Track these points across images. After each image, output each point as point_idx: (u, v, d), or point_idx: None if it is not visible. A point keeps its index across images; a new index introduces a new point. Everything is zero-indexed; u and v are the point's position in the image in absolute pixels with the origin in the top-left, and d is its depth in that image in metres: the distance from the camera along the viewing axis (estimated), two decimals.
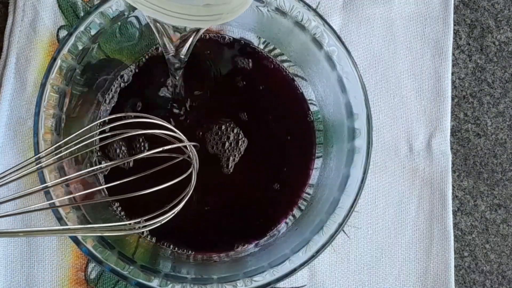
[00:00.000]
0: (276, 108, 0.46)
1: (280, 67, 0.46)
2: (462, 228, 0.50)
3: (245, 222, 0.46)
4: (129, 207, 0.44)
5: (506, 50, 0.51)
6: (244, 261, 0.43)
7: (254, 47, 0.46)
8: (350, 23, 0.50)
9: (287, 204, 0.46)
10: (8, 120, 0.47)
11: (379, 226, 0.48)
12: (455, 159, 0.50)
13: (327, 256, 0.48)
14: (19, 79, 0.47)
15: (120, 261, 0.39)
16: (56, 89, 0.40)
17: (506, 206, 0.50)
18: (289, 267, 0.40)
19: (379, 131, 0.49)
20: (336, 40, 0.41)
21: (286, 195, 0.46)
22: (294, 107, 0.46)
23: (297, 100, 0.46)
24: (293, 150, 0.46)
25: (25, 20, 0.48)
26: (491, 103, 0.51)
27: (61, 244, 0.46)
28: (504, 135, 0.51)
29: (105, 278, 0.47)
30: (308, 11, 0.41)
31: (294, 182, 0.46)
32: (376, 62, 0.50)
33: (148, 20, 0.35)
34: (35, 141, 0.39)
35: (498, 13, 0.52)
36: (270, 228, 0.45)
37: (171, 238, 0.45)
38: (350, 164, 0.41)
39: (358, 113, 0.41)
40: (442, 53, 0.50)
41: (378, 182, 0.48)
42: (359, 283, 0.48)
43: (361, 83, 0.41)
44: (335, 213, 0.40)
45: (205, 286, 0.39)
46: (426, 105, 0.49)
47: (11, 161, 0.47)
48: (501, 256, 0.50)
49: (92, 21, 0.40)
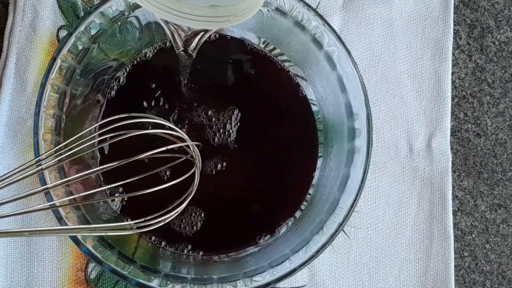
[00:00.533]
0: (279, 109, 0.46)
1: (283, 67, 0.46)
2: (462, 228, 0.50)
3: (247, 223, 0.46)
4: (129, 207, 0.44)
5: (506, 50, 0.51)
6: (244, 261, 0.43)
7: (257, 47, 0.46)
8: (350, 23, 0.50)
9: (291, 205, 0.46)
10: (8, 120, 0.47)
11: (379, 226, 0.48)
12: (455, 159, 0.50)
13: (327, 256, 0.48)
14: (19, 79, 0.47)
15: (120, 261, 0.39)
16: (56, 89, 0.40)
17: (506, 206, 0.50)
18: (289, 267, 0.40)
19: (379, 131, 0.49)
20: (336, 40, 0.41)
21: (289, 196, 0.46)
22: (296, 107, 0.46)
23: (299, 101, 0.46)
24: (296, 152, 0.46)
25: (25, 20, 0.48)
26: (491, 103, 0.51)
27: (61, 244, 0.46)
28: (504, 135, 0.51)
29: (105, 278, 0.47)
30: (308, 11, 0.41)
31: (297, 183, 0.46)
32: (376, 62, 0.50)
33: (159, 18, 0.36)
34: (35, 141, 0.39)
35: (498, 13, 0.52)
36: (273, 230, 0.45)
37: (171, 239, 0.45)
38: (350, 164, 0.41)
39: (358, 113, 0.41)
40: (442, 53, 0.50)
41: (378, 182, 0.48)
42: (359, 283, 0.48)
43: (361, 83, 0.41)
44: (335, 213, 0.40)
45: (205, 286, 0.39)
46: (426, 105, 0.49)
47: (11, 161, 0.47)
48: (501, 256, 0.50)
49: (92, 21, 0.40)
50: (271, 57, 0.46)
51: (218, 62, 0.47)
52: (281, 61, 0.46)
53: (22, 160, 0.47)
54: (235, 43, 0.46)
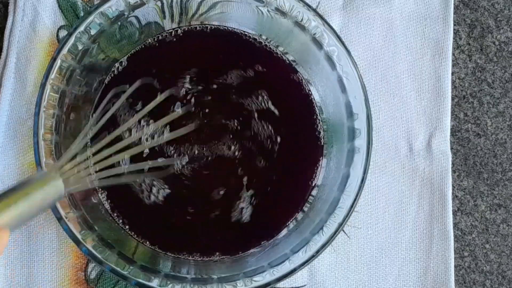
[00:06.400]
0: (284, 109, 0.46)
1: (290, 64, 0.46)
2: (462, 228, 0.50)
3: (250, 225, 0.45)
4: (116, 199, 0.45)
5: (506, 50, 0.51)
6: (244, 261, 0.43)
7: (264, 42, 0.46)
8: (350, 23, 0.50)
9: (294, 206, 0.46)
10: (8, 120, 0.47)
11: (379, 226, 0.48)
12: (455, 159, 0.50)
13: (327, 256, 0.48)
14: (19, 79, 0.47)
15: (120, 261, 0.39)
16: (56, 89, 0.40)
17: (506, 206, 0.50)
18: (289, 267, 0.40)
19: (379, 131, 0.49)
20: (336, 40, 0.41)
21: (293, 197, 0.46)
22: (302, 108, 0.46)
23: (305, 101, 0.46)
24: (300, 152, 0.46)
25: (25, 20, 0.48)
26: (491, 103, 0.51)
27: (61, 244, 0.46)
28: (504, 135, 0.51)
29: (105, 278, 0.47)
30: (308, 11, 0.41)
31: (300, 184, 0.46)
32: (376, 62, 0.50)
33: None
34: (35, 141, 0.39)
35: (498, 13, 0.52)
36: (275, 232, 0.45)
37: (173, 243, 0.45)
38: (350, 164, 0.41)
39: (358, 113, 0.41)
40: (442, 53, 0.50)
41: (378, 182, 0.48)
42: (359, 283, 0.48)
43: (361, 83, 0.41)
44: (335, 213, 0.40)
45: (205, 286, 0.39)
46: (426, 105, 0.49)
47: (11, 161, 0.47)
48: (501, 256, 0.50)
49: (92, 21, 0.40)
50: (279, 55, 0.46)
51: (222, 60, 0.46)
52: (289, 60, 0.46)
53: (22, 160, 0.47)
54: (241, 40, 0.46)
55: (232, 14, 0.45)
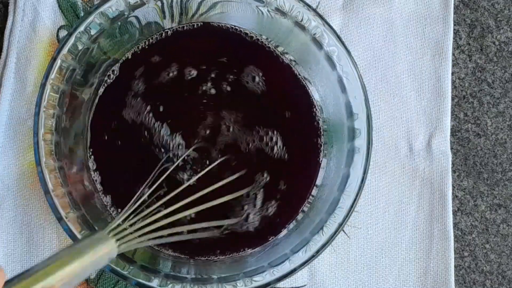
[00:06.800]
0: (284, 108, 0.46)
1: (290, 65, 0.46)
2: (462, 228, 0.50)
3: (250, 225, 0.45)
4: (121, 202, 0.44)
5: (506, 50, 0.51)
6: (244, 261, 0.43)
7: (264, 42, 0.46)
8: (350, 23, 0.50)
9: (294, 206, 0.45)
10: (8, 120, 0.47)
11: (379, 226, 0.48)
12: (455, 159, 0.50)
13: (327, 256, 0.48)
14: (19, 79, 0.47)
15: (120, 261, 0.39)
16: (56, 89, 0.40)
17: (506, 206, 0.50)
18: (289, 267, 0.40)
19: (379, 131, 0.49)
20: (336, 40, 0.41)
21: (293, 197, 0.46)
22: (302, 108, 0.46)
23: (305, 101, 0.46)
24: (300, 152, 0.46)
25: (25, 20, 0.48)
26: (491, 103, 0.51)
27: (61, 244, 0.46)
28: (504, 135, 0.51)
29: (105, 278, 0.47)
30: (308, 11, 0.41)
31: (301, 185, 0.46)
32: (376, 62, 0.49)
33: None
34: (35, 141, 0.39)
35: (498, 13, 0.52)
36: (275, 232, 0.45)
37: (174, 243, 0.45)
38: (350, 164, 0.41)
39: (358, 113, 0.41)
40: (442, 53, 0.50)
41: (378, 182, 0.48)
42: (359, 283, 0.48)
43: (361, 83, 0.41)
44: (335, 213, 0.40)
45: (205, 286, 0.39)
46: (426, 105, 0.49)
47: (11, 161, 0.47)
48: (501, 256, 0.50)
49: (92, 21, 0.40)
50: (278, 54, 0.46)
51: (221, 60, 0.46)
52: (289, 60, 0.46)
53: (22, 160, 0.47)
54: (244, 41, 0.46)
55: (232, 14, 0.45)
